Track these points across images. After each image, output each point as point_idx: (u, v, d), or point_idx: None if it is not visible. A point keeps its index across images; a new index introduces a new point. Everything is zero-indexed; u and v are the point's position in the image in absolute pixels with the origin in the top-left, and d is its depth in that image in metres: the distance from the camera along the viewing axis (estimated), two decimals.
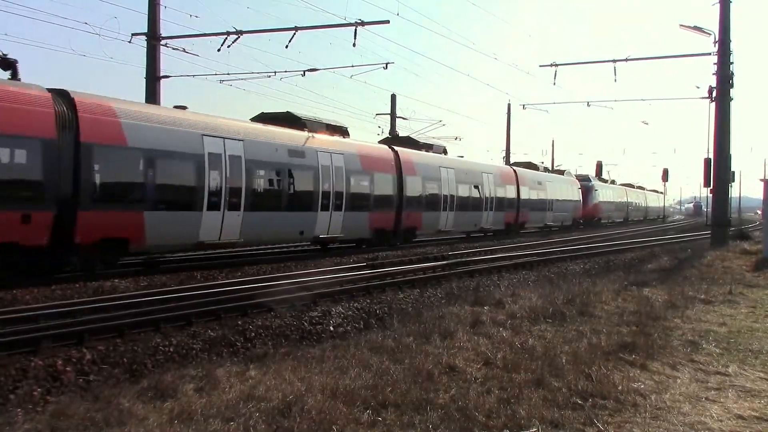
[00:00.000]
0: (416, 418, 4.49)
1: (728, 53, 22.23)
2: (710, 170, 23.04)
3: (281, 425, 4.30)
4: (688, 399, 5.11)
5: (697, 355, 6.63)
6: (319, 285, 11.91)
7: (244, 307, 9.77)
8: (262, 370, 5.86)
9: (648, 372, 5.89)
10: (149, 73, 23.16)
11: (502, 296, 10.21)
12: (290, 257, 18.33)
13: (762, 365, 6.31)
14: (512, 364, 5.93)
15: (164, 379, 5.48)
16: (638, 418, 4.62)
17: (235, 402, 4.80)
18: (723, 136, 22.35)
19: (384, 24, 21.10)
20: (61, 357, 7.03)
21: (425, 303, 11.73)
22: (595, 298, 10.05)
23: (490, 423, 4.41)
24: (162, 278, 14.04)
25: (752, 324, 8.49)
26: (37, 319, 8.58)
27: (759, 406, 5.01)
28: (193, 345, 8.14)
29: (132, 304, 9.68)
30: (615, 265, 18.77)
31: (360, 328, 9.54)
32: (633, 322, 8.22)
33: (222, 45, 22.12)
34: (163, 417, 4.56)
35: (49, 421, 4.58)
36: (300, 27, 21.57)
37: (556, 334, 7.44)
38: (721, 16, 22.16)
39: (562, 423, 4.46)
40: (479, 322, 8.06)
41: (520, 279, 15.36)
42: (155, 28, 22.76)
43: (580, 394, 5.05)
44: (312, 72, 24.55)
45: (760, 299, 10.62)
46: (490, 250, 21.45)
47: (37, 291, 11.60)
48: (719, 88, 22.41)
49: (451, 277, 14.48)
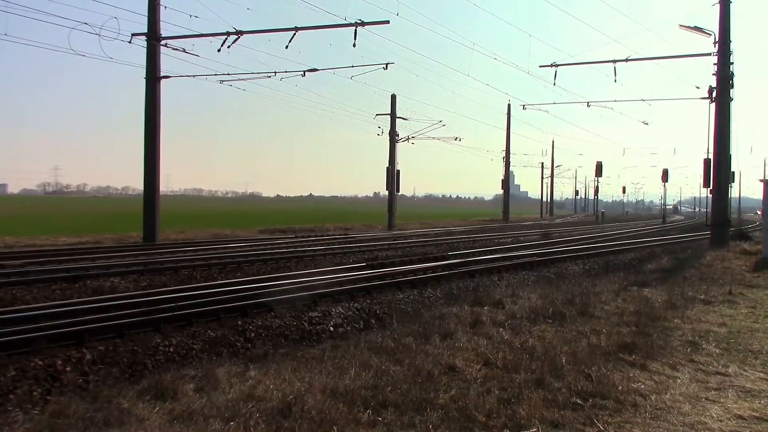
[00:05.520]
0: (416, 418, 4.49)
1: (728, 53, 22.24)
2: (710, 170, 23.05)
3: (281, 425, 4.30)
4: (688, 399, 5.11)
5: (697, 355, 6.63)
6: (318, 285, 11.91)
7: (244, 308, 9.77)
8: (262, 370, 5.86)
9: (648, 372, 5.89)
10: (149, 74, 23.19)
11: (502, 296, 10.21)
12: (290, 257, 18.33)
13: (762, 365, 6.31)
14: (512, 365, 5.93)
15: (164, 379, 5.47)
16: (638, 418, 4.62)
17: (235, 402, 4.80)
18: (723, 137, 22.36)
19: (384, 24, 21.15)
20: (60, 357, 7.03)
21: (425, 303, 11.73)
22: (595, 299, 10.05)
23: (490, 423, 4.41)
24: (162, 278, 14.07)
25: (752, 324, 8.49)
26: (37, 319, 8.58)
27: (759, 406, 5.01)
28: (193, 345, 8.14)
29: (132, 304, 9.68)
30: (615, 266, 18.79)
31: (360, 329, 9.54)
32: (633, 322, 8.22)
33: (222, 45, 22.17)
34: (163, 417, 4.56)
35: (48, 421, 4.57)
36: (300, 27, 21.59)
37: (555, 335, 7.44)
38: (721, 16, 22.17)
39: (562, 423, 4.46)
40: (479, 322, 8.06)
41: (520, 279, 15.37)
42: (155, 29, 22.78)
43: (580, 395, 5.05)
44: (312, 72, 24.60)
45: (760, 299, 10.62)
46: (490, 251, 21.46)
47: (37, 291, 11.62)
48: (719, 89, 22.42)
49: (451, 277, 14.48)
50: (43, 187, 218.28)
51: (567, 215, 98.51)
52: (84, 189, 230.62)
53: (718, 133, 22.37)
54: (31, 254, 17.38)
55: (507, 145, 59.25)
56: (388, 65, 25.51)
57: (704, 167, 23.55)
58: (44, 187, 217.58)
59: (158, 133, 23.47)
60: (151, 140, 23.36)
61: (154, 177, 23.51)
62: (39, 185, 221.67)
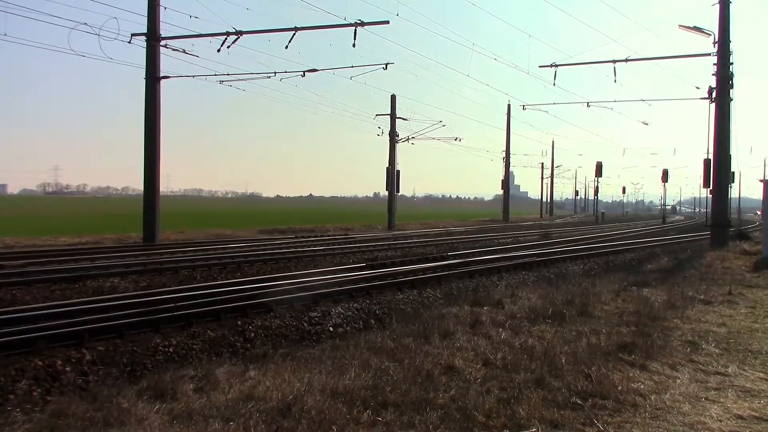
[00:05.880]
0: (416, 418, 4.48)
1: (728, 54, 22.23)
2: (710, 171, 23.05)
3: (281, 425, 4.30)
4: (687, 399, 5.11)
5: (697, 355, 6.63)
6: (318, 285, 11.92)
7: (244, 308, 9.78)
8: (262, 370, 5.86)
9: (647, 372, 5.89)
10: (149, 74, 23.19)
11: (502, 296, 10.21)
12: (290, 257, 18.33)
13: (762, 365, 6.31)
14: (512, 365, 5.93)
15: (164, 380, 5.47)
16: (638, 418, 4.62)
17: (235, 402, 4.80)
18: (723, 137, 22.35)
19: (384, 24, 21.16)
20: (60, 357, 7.03)
21: (425, 303, 11.73)
22: (595, 299, 10.05)
23: (490, 423, 4.41)
24: (162, 278, 14.07)
25: (752, 324, 8.49)
26: (37, 319, 8.58)
27: (759, 406, 5.01)
28: (193, 345, 8.15)
29: (132, 304, 9.69)
30: (614, 266, 18.81)
31: (359, 329, 9.54)
32: (632, 322, 8.22)
33: (222, 45, 22.18)
34: (163, 417, 4.56)
35: (48, 421, 4.57)
36: (300, 27, 21.60)
37: (555, 335, 7.43)
38: (721, 16, 22.16)
39: (561, 423, 4.46)
40: (479, 322, 8.06)
41: (520, 279, 15.37)
42: (155, 29, 22.79)
43: (579, 395, 5.05)
44: (312, 72, 24.61)
45: (760, 299, 10.62)
46: (489, 251, 21.46)
47: (37, 291, 11.62)
48: (719, 89, 22.41)
49: (451, 277, 14.49)
50: (43, 187, 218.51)
51: (567, 215, 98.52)
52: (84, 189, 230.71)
53: (718, 133, 22.37)
54: (31, 254, 17.39)
55: (507, 146, 59.33)
56: (387, 65, 25.54)
57: (704, 167, 23.54)
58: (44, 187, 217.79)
59: (158, 133, 23.47)
60: (151, 140, 23.37)
61: (154, 177, 23.51)
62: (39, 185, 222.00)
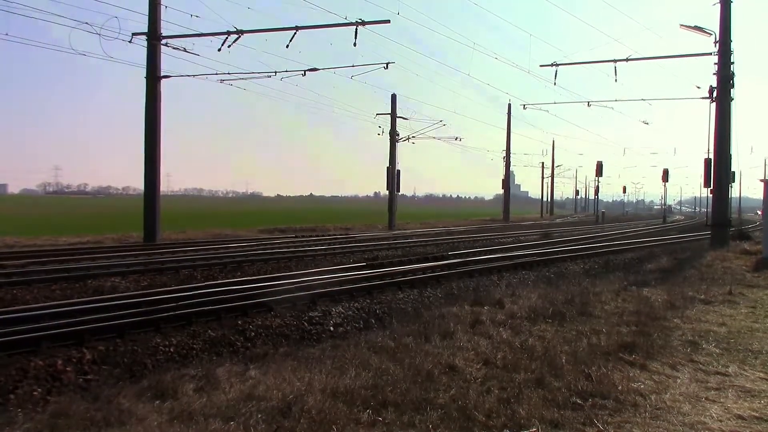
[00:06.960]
0: (416, 417, 4.49)
1: (729, 53, 22.22)
2: (710, 170, 23.05)
3: (281, 425, 4.30)
4: (687, 399, 5.11)
5: (697, 355, 6.63)
6: (319, 285, 11.92)
7: (245, 307, 9.78)
8: (262, 369, 5.86)
9: (648, 372, 5.89)
10: (149, 73, 23.19)
11: (502, 296, 10.21)
12: (291, 257, 18.34)
13: (762, 365, 6.31)
14: (512, 364, 5.93)
15: (164, 379, 5.48)
16: (638, 418, 4.62)
17: (235, 402, 4.80)
18: (723, 137, 22.34)
19: (385, 23, 21.15)
20: (61, 357, 7.04)
21: (425, 303, 11.73)
22: (595, 298, 10.05)
23: (490, 423, 4.41)
24: (162, 278, 14.08)
25: (752, 324, 8.49)
26: (37, 319, 8.59)
27: (759, 406, 5.01)
28: (193, 345, 8.15)
29: (132, 304, 9.69)
30: (615, 266, 18.80)
31: (360, 328, 9.55)
32: (633, 322, 8.22)
33: (222, 45, 22.17)
34: (163, 417, 4.56)
35: (49, 420, 4.58)
36: (300, 27, 21.59)
37: (555, 334, 7.44)
38: (722, 16, 22.15)
39: (561, 423, 4.46)
40: (479, 322, 8.06)
41: (520, 279, 15.37)
42: (156, 28, 22.79)
43: (579, 394, 5.05)
44: (312, 72, 24.59)
45: (760, 299, 10.62)
46: (490, 250, 21.46)
47: (38, 291, 11.62)
48: (719, 89, 22.40)
49: (451, 277, 14.49)
50: (43, 187, 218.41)
51: (567, 215, 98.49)
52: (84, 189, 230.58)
53: (719, 133, 22.36)
54: (32, 254, 17.39)
55: (507, 145, 59.30)
56: (388, 65, 25.54)
57: (704, 167, 23.54)
58: (44, 187, 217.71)
59: (158, 132, 23.47)
60: (151, 140, 23.37)
61: (155, 177, 23.51)
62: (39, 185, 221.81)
